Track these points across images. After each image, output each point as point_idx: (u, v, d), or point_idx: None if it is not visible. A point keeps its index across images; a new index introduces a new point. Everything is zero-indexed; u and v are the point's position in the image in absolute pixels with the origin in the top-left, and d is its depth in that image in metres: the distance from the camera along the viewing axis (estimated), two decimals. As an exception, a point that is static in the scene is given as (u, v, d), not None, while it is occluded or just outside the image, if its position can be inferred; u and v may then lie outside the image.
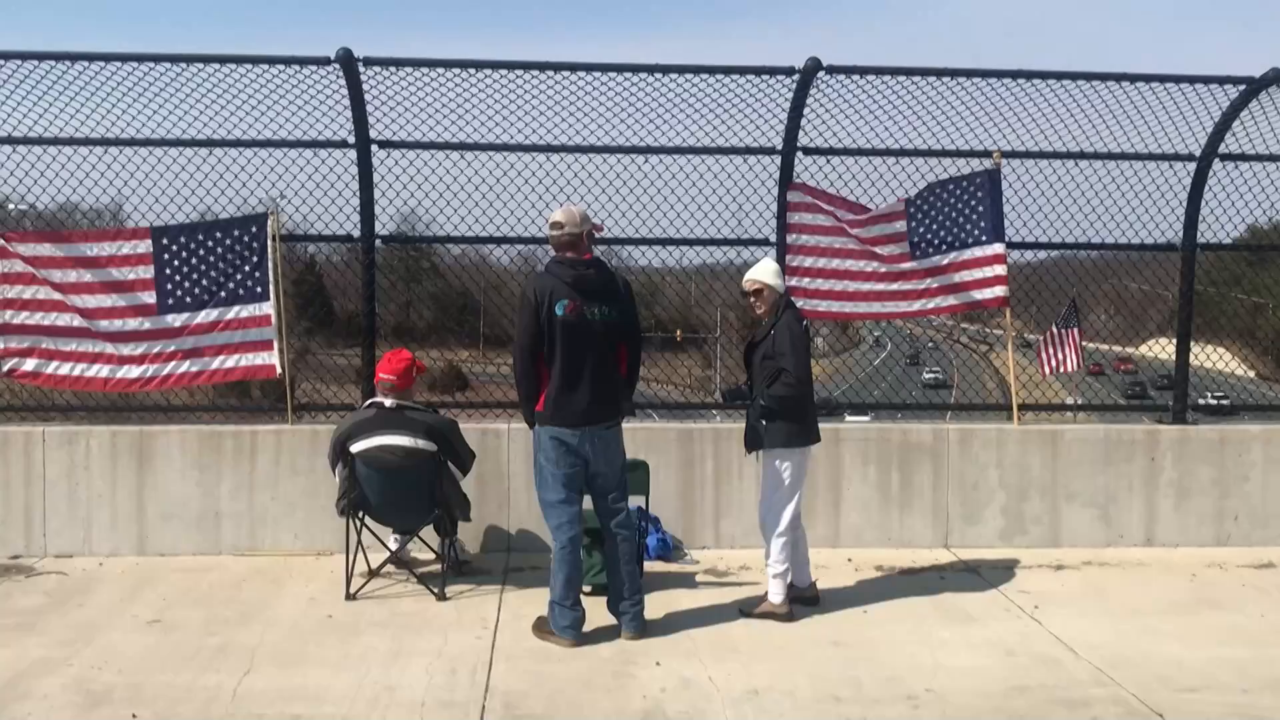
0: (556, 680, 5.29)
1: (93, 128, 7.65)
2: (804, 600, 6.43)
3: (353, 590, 6.55)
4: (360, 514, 6.65)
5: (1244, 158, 8.33)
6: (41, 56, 7.36)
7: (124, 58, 7.37)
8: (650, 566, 7.10)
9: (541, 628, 5.89)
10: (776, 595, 6.24)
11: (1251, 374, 11.32)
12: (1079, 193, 8.29)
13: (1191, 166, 8.28)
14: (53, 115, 7.61)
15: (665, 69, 7.61)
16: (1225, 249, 8.70)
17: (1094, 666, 5.54)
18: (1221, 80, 7.90)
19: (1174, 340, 8.58)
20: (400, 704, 4.99)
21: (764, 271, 6.37)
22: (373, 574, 6.73)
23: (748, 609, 6.32)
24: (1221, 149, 8.21)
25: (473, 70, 7.54)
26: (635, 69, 7.61)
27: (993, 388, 13.24)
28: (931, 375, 42.05)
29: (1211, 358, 9.27)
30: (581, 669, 5.44)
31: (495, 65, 7.53)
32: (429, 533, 6.93)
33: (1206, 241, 8.46)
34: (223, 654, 5.57)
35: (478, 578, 6.98)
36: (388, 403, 6.57)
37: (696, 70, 7.67)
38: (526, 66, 7.58)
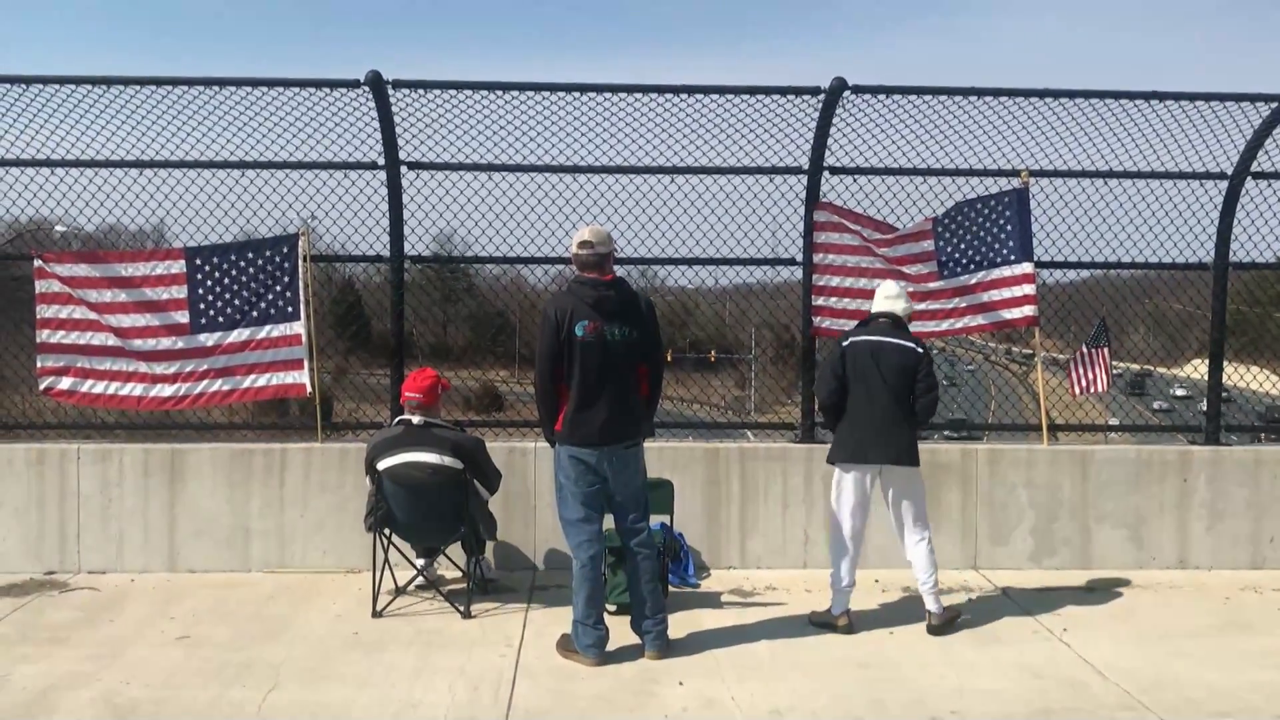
0: (579, 699, 5.30)
1: (129, 150, 7.79)
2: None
3: (379, 608, 6.60)
4: (387, 531, 6.70)
5: (1277, 176, 8.25)
6: (79, 81, 7.51)
7: (159, 81, 7.50)
8: (674, 585, 7.11)
9: (565, 646, 5.90)
10: (836, 607, 6.41)
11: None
12: (1109, 212, 8.23)
13: (1224, 185, 8.20)
14: (90, 137, 7.76)
15: (692, 89, 7.66)
16: (1258, 268, 8.60)
17: (1122, 690, 5.47)
18: (1253, 98, 7.82)
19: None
20: (422, 721, 5.02)
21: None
22: (399, 591, 6.77)
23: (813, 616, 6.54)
24: (1254, 167, 8.12)
25: (500, 92, 7.62)
26: (662, 90, 7.65)
27: (1022, 407, 13.10)
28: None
29: (1245, 378, 9.14)
30: (604, 688, 5.44)
31: (522, 87, 7.61)
32: (455, 551, 6.98)
33: (1239, 260, 8.36)
34: (248, 670, 5.62)
35: (503, 596, 7.00)
36: (415, 420, 6.61)
37: (723, 91, 7.71)
38: (553, 88, 7.65)
